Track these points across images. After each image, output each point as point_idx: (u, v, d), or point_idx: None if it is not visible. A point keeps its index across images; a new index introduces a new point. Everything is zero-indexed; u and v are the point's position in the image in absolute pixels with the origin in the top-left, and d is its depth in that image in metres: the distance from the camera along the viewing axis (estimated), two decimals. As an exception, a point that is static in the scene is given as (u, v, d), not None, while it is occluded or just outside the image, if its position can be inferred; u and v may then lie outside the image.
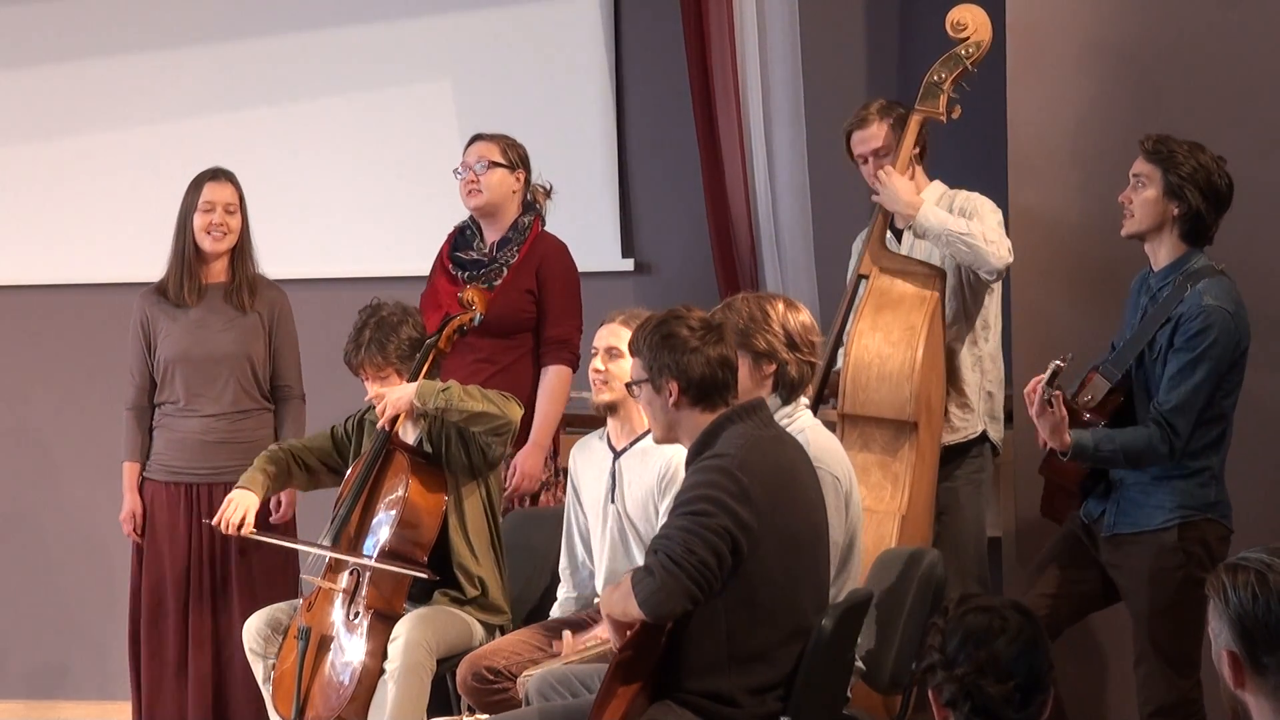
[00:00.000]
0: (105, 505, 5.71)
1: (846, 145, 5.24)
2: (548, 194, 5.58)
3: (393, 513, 4.93)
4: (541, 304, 5.43)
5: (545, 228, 5.55)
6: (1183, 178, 4.46)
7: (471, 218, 5.56)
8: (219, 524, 4.99)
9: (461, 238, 5.56)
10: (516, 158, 5.50)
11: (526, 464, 5.34)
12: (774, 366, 4.31)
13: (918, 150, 5.16)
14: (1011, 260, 4.99)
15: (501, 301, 5.32)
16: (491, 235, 5.50)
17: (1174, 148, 4.49)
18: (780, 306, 4.35)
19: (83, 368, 6.56)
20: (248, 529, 4.99)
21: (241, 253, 5.51)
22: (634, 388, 4.05)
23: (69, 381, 6.63)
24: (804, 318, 4.37)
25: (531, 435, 5.36)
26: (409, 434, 5.09)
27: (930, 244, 5.09)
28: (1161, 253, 4.54)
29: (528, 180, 5.53)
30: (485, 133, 5.54)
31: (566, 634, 4.60)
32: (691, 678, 3.82)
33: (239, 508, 4.99)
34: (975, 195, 5.12)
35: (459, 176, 5.49)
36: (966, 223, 4.98)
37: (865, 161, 5.19)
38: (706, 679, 3.81)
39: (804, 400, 4.41)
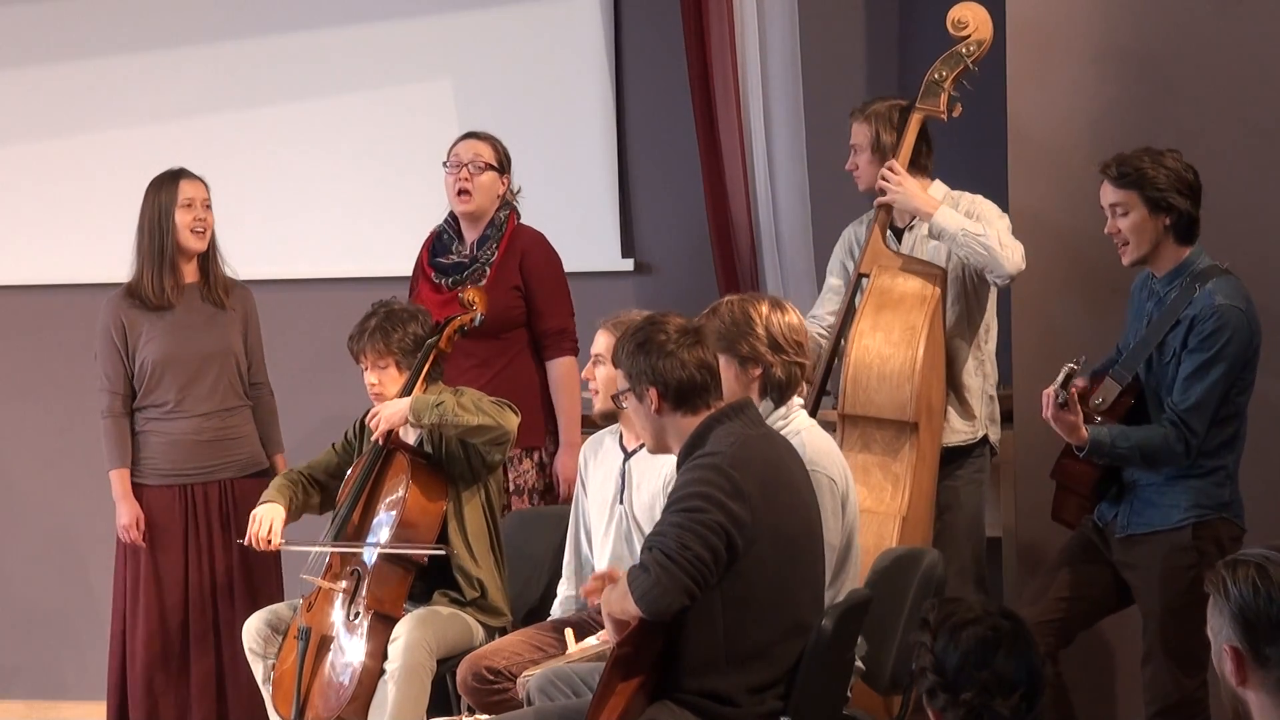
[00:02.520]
0: (101, 506, 5.70)
1: None
2: (515, 194, 5.57)
3: (393, 513, 4.93)
4: (530, 298, 5.44)
5: (533, 225, 5.56)
6: (1161, 189, 4.46)
7: (448, 220, 5.56)
8: (250, 542, 4.99)
9: (439, 242, 5.56)
10: (505, 160, 5.51)
11: (567, 470, 5.34)
12: (760, 369, 4.29)
13: (924, 149, 5.16)
14: (1024, 267, 4.96)
15: (489, 300, 5.31)
16: (471, 236, 5.50)
17: (1138, 165, 4.48)
18: (764, 308, 4.32)
19: (67, 368, 6.55)
20: (277, 542, 5.00)
21: (212, 251, 5.51)
22: (620, 399, 4.05)
23: (63, 382, 6.61)
24: (790, 318, 4.34)
25: (562, 437, 5.41)
26: (409, 434, 5.09)
27: (937, 244, 5.08)
28: (1163, 261, 4.54)
29: (509, 182, 5.54)
30: (477, 131, 5.54)
31: (569, 631, 4.60)
32: (690, 677, 3.82)
33: (264, 521, 4.99)
34: (979, 198, 5.11)
35: (448, 170, 5.48)
36: (983, 225, 4.97)
37: (851, 149, 5.23)
38: (705, 678, 3.81)
39: (798, 401, 4.40)
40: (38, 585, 6.72)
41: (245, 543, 5.02)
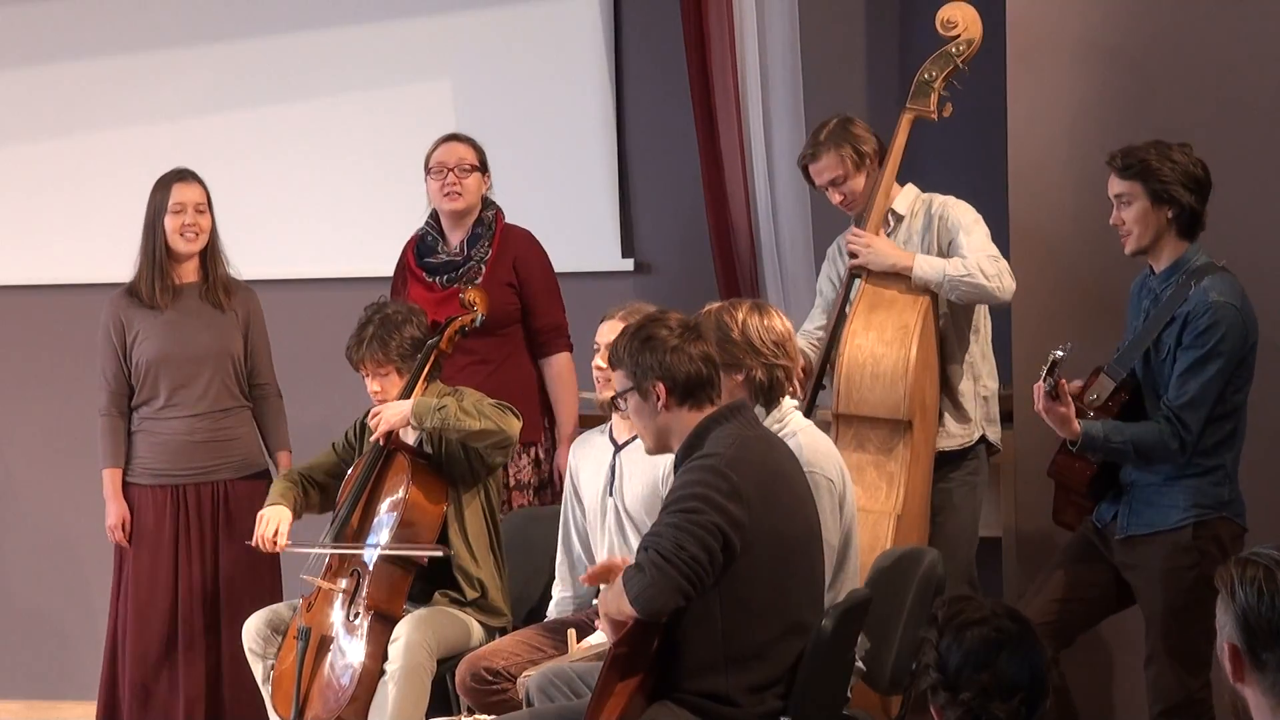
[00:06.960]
0: (98, 505, 5.70)
1: (805, 175, 5.15)
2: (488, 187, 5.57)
3: (394, 514, 4.93)
4: (525, 295, 5.46)
5: (533, 225, 5.58)
6: (1165, 182, 4.45)
7: (429, 222, 5.57)
8: (257, 544, 4.99)
9: (423, 244, 5.56)
10: (485, 160, 5.52)
11: (566, 464, 5.34)
12: (742, 374, 4.29)
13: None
14: (1015, 287, 4.89)
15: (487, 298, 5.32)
16: (456, 235, 5.51)
17: (1144, 157, 4.48)
18: (741, 314, 4.33)
19: (64, 368, 6.56)
20: (284, 543, 5.00)
21: (212, 252, 5.51)
22: (620, 400, 4.04)
23: (59, 381, 6.62)
24: (770, 321, 4.33)
25: (561, 431, 5.44)
26: (409, 435, 5.09)
27: (917, 242, 5.06)
28: (1163, 256, 4.53)
29: (489, 179, 5.55)
30: (456, 134, 5.54)
31: (571, 632, 4.59)
32: (689, 678, 3.82)
33: (271, 522, 5.00)
34: (950, 201, 5.05)
35: (432, 175, 5.48)
36: (962, 261, 4.89)
37: (827, 189, 5.11)
38: (704, 679, 3.81)
39: (790, 403, 4.39)
40: (38, 585, 6.73)
41: (252, 545, 5.02)
